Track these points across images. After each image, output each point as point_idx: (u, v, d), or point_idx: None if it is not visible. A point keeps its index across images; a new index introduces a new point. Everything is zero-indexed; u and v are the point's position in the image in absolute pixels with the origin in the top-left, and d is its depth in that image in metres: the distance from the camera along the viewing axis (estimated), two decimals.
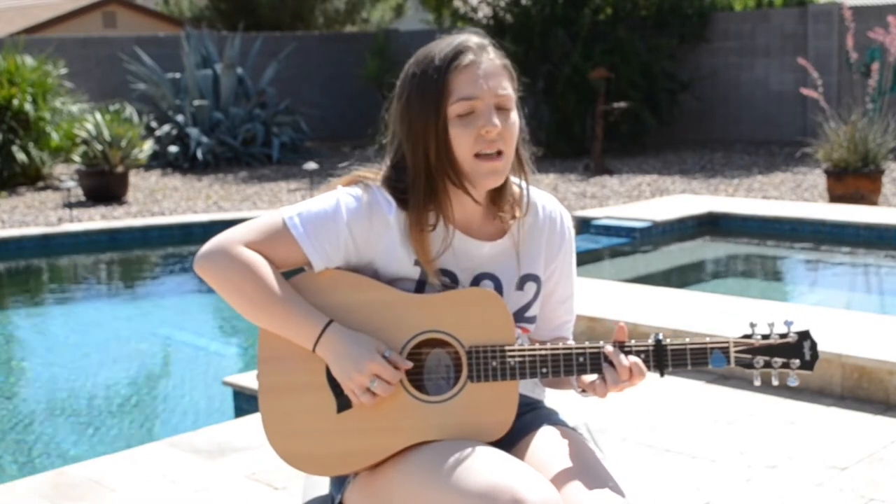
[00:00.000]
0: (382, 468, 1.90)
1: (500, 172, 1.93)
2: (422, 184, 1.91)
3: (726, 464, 3.53)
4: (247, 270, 1.89)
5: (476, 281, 1.99)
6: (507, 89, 1.92)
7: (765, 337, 1.95)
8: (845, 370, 4.16)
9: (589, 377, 1.95)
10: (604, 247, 8.00)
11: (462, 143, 1.89)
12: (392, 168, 1.98)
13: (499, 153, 1.91)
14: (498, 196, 2.00)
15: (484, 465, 1.77)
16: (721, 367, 1.95)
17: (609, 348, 1.91)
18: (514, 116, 1.93)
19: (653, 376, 1.95)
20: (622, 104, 13.69)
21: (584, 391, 1.98)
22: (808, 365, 1.94)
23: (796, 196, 10.53)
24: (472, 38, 1.93)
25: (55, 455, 4.60)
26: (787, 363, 1.94)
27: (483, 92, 1.89)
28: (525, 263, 2.03)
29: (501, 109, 1.91)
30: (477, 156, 1.90)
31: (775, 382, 1.97)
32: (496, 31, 15.28)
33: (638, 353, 1.92)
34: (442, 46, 1.92)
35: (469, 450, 1.81)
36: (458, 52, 1.90)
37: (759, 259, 8.22)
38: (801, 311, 5.27)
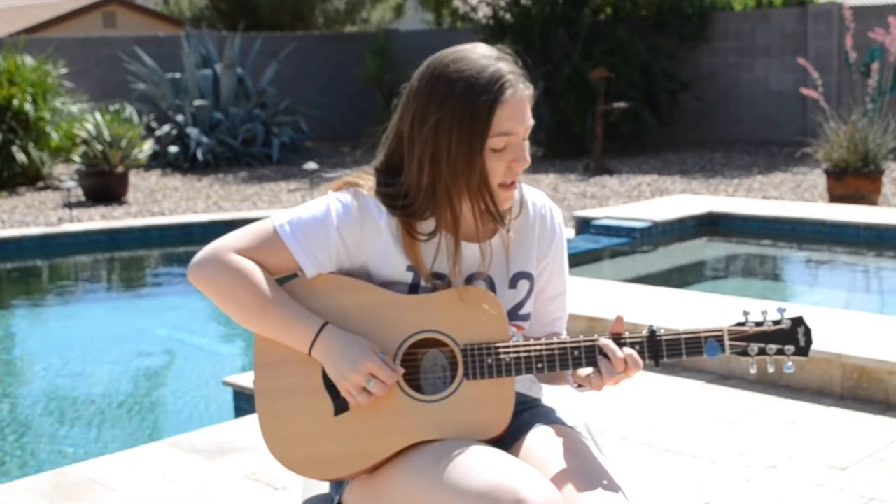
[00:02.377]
0: (382, 468, 1.90)
1: (514, 195, 1.96)
2: (439, 200, 1.90)
3: (726, 464, 3.53)
4: (239, 277, 1.90)
5: (469, 281, 1.99)
6: (531, 119, 1.93)
7: (758, 324, 1.95)
8: (845, 370, 4.16)
9: (584, 371, 1.96)
10: (604, 247, 7.99)
11: (493, 175, 1.90)
12: (383, 174, 1.96)
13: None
14: None
15: (485, 465, 1.77)
16: (716, 356, 1.95)
17: (603, 340, 1.92)
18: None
19: (652, 375, 1.95)
20: (622, 104, 13.69)
21: (580, 386, 1.98)
22: (802, 351, 1.95)
23: (796, 196, 10.53)
24: (503, 66, 1.90)
25: (55, 455, 4.60)
26: (781, 349, 1.95)
27: (520, 127, 1.90)
28: (516, 261, 2.03)
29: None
30: (500, 185, 1.92)
31: (771, 370, 1.98)
32: (496, 31, 15.28)
33: (633, 345, 1.93)
34: (476, 69, 1.87)
35: (469, 450, 1.81)
36: (502, 85, 1.87)
37: (759, 259, 8.22)
38: (801, 311, 5.26)
